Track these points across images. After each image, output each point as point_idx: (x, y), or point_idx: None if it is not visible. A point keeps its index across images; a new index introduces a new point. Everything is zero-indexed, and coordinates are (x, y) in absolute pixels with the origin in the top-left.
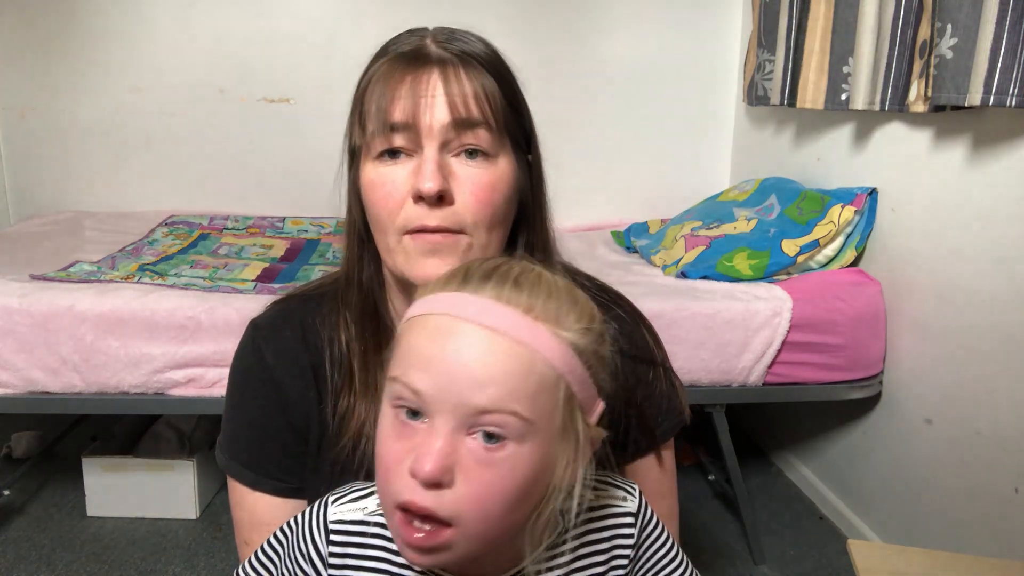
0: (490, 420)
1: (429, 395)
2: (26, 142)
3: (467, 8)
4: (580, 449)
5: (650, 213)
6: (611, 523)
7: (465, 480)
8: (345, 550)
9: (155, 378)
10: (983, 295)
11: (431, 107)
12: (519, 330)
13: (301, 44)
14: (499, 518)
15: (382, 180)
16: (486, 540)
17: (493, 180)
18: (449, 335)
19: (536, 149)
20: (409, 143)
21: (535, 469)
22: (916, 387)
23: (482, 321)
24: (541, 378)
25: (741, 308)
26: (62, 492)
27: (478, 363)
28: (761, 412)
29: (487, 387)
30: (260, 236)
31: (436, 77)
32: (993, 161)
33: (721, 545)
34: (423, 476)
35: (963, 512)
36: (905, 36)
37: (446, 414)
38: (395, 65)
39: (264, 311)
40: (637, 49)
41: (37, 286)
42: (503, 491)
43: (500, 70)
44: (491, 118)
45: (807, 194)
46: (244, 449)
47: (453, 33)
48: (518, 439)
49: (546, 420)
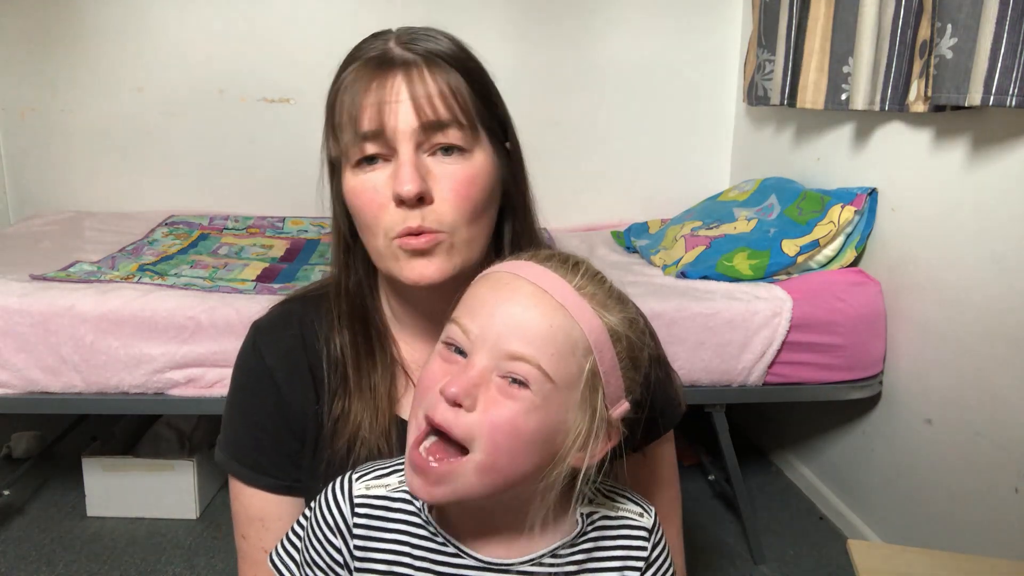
0: (518, 368)
1: (474, 334)
2: (26, 142)
3: (467, 9)
4: (595, 430)
5: (650, 213)
6: (626, 534)
7: (484, 409)
8: (370, 523)
9: (155, 378)
10: (983, 295)
11: (396, 113)
12: (565, 296)
13: (301, 44)
14: (507, 455)
15: (363, 187)
16: (492, 476)
17: (471, 174)
18: (504, 287)
19: (514, 137)
20: (383, 148)
21: (547, 423)
22: (916, 387)
23: (536, 281)
24: (572, 345)
25: (741, 308)
26: (62, 492)
27: (521, 314)
28: (761, 412)
29: (522, 337)
30: (260, 236)
31: (400, 80)
32: (993, 161)
33: (721, 545)
34: (449, 394)
35: (963, 512)
36: (905, 36)
37: (483, 352)
38: (360, 73)
39: (266, 312)
40: (637, 49)
41: (37, 286)
42: (515, 428)
43: (466, 65)
44: (460, 115)
45: (807, 194)
46: (241, 447)
47: (416, 32)
48: (539, 391)
49: (568, 384)
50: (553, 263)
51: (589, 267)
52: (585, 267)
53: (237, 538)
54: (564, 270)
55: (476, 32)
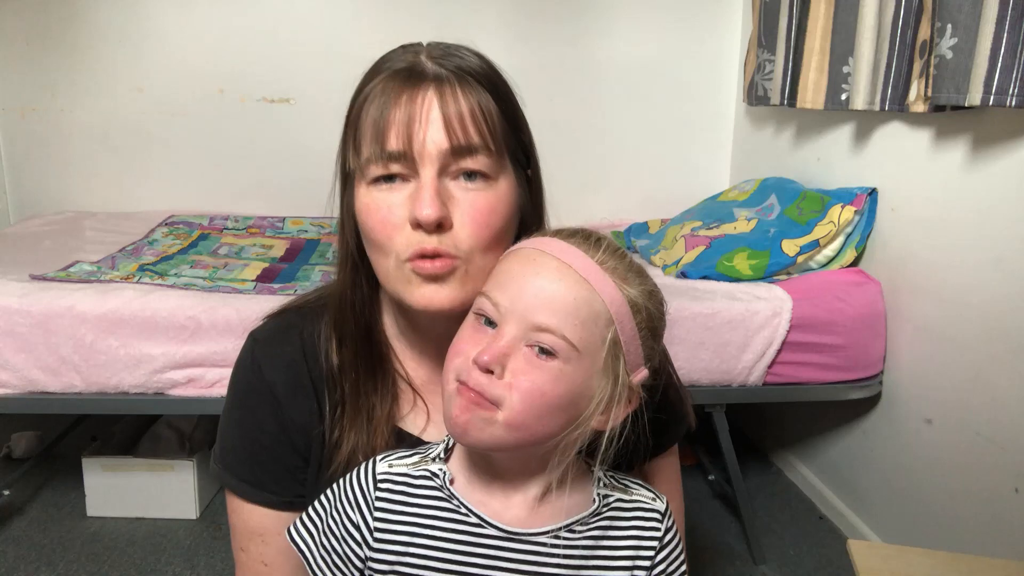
0: (545, 338)
1: (503, 306)
2: (26, 142)
3: (467, 9)
4: (617, 394)
5: (650, 213)
6: (640, 515)
7: (514, 375)
8: (392, 497)
9: (155, 378)
10: (983, 295)
11: (427, 132)
12: (588, 270)
13: (301, 44)
14: (536, 413)
15: (377, 205)
16: (520, 432)
17: (493, 203)
18: (531, 262)
19: (535, 163)
20: (406, 169)
21: (573, 388)
22: (916, 387)
23: (560, 256)
24: (595, 315)
25: (741, 308)
26: (62, 492)
27: (547, 287)
28: (761, 412)
29: (548, 309)
30: (260, 236)
31: (432, 96)
32: (993, 161)
33: (721, 545)
34: (481, 363)
35: (963, 512)
36: (905, 36)
37: (512, 323)
38: (389, 84)
39: (263, 323)
40: (637, 49)
41: (37, 286)
42: (543, 392)
43: (497, 85)
44: (490, 140)
45: (807, 194)
46: (240, 463)
47: (448, 48)
48: (565, 359)
49: (591, 352)
50: (577, 239)
51: (611, 243)
52: (607, 243)
53: (235, 550)
54: (587, 246)
55: (476, 32)
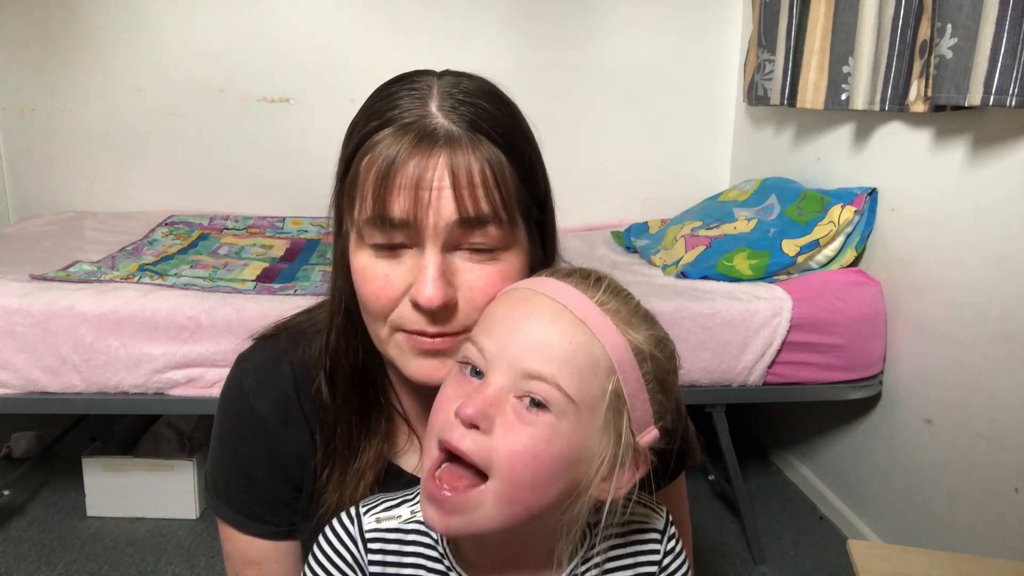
0: (536, 388)
1: (490, 352)
2: (26, 142)
3: (467, 9)
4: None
5: (650, 213)
6: (639, 539)
7: (503, 433)
8: (385, 558)
9: (155, 378)
10: (983, 295)
11: (436, 204)
12: (585, 312)
13: (301, 44)
14: (528, 485)
15: (375, 274)
16: (513, 507)
17: (503, 277)
18: (523, 303)
19: (551, 209)
20: (408, 239)
21: (570, 448)
22: (916, 387)
23: (555, 297)
24: (594, 363)
25: (741, 308)
26: (62, 492)
27: (540, 331)
28: (761, 412)
29: (541, 355)
30: (260, 236)
31: (442, 164)
32: (993, 161)
33: (721, 545)
34: (464, 415)
35: (963, 512)
36: (905, 36)
37: (500, 371)
38: (395, 142)
39: (251, 348)
40: (637, 49)
41: (37, 286)
42: (535, 455)
43: (512, 138)
44: (501, 210)
45: (807, 194)
46: (234, 494)
47: (461, 92)
48: (559, 414)
49: (590, 406)
50: (574, 278)
51: (612, 282)
52: (608, 282)
53: (230, 574)
54: (585, 285)
55: (476, 32)
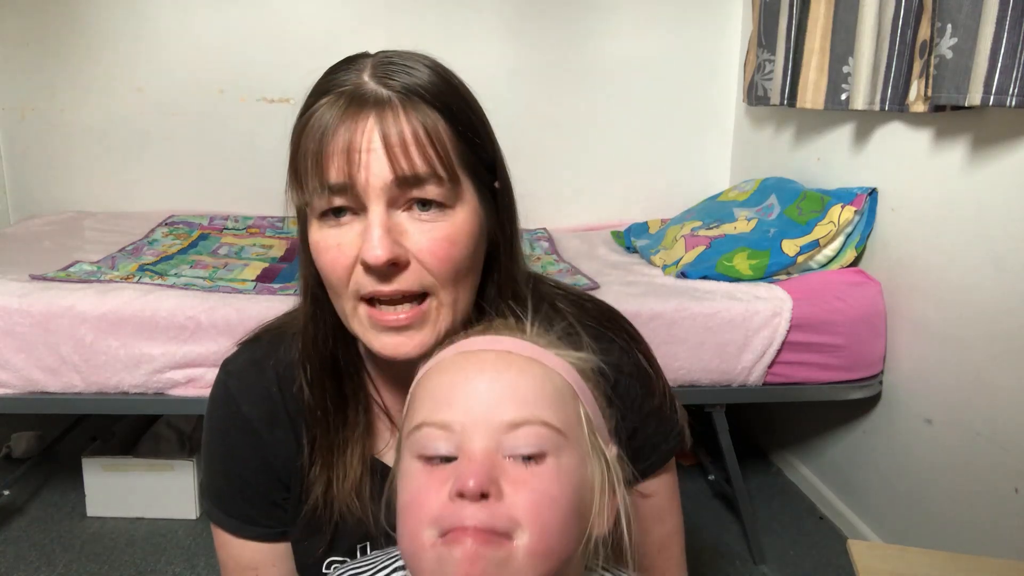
0: (523, 435)
1: (459, 423)
2: (26, 142)
3: (467, 9)
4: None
5: (650, 213)
6: None
7: (515, 490)
8: None
9: (155, 378)
10: (983, 295)
11: (368, 164)
12: (529, 350)
13: (301, 44)
14: (557, 530)
15: (327, 244)
16: (548, 557)
17: (451, 233)
18: (466, 365)
19: (503, 175)
20: (352, 202)
21: (577, 482)
22: (916, 387)
23: (493, 347)
24: (559, 390)
25: (741, 308)
26: (62, 492)
27: (500, 382)
28: (761, 412)
29: (512, 401)
30: (260, 236)
31: (372, 124)
32: (993, 161)
33: (721, 545)
34: (470, 490)
35: (963, 512)
36: (905, 36)
37: (479, 435)
38: (328, 111)
39: (236, 352)
40: (637, 49)
41: (37, 286)
42: (554, 499)
43: (448, 101)
44: (439, 167)
45: (807, 194)
46: (227, 498)
47: (396, 62)
48: (555, 452)
49: (574, 432)
50: (494, 329)
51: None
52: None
53: None
54: (510, 330)
55: (476, 32)
